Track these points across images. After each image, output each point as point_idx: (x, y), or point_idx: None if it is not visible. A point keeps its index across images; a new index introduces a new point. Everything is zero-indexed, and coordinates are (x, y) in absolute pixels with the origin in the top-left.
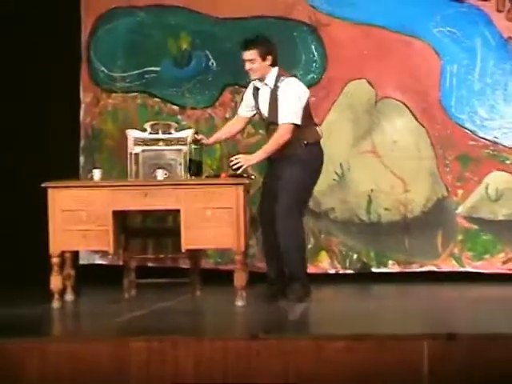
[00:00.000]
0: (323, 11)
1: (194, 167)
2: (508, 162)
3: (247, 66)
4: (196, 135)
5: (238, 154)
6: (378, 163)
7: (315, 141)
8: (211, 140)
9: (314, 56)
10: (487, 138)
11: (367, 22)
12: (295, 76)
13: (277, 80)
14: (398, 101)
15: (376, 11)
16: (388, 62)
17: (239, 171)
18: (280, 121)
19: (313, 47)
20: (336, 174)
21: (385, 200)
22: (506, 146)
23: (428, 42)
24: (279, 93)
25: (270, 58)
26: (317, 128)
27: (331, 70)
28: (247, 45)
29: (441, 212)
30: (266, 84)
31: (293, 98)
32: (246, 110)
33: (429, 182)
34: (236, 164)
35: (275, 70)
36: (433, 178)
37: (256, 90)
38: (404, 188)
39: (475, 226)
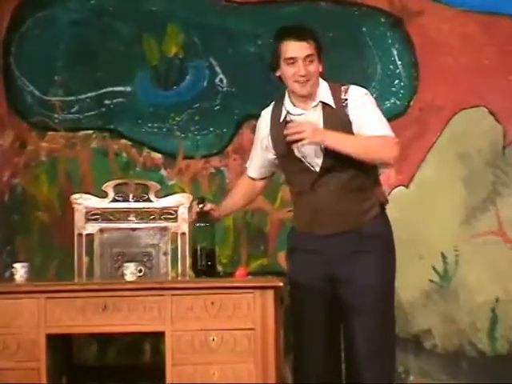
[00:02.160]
0: None
1: (203, 259)
2: None
3: (303, 68)
4: (201, 204)
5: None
6: (507, 252)
7: (384, 203)
8: (223, 210)
9: (396, 67)
10: None
11: (488, 10)
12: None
13: (336, 92)
14: None
15: None
16: None
17: (296, 145)
18: (375, 132)
19: (395, 52)
20: (435, 271)
21: None
22: None
23: None
24: (351, 107)
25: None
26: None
27: (426, 90)
28: (301, 32)
29: None
30: (325, 103)
31: (375, 108)
32: (260, 168)
33: None
34: (295, 133)
35: (324, 82)
36: None
37: (286, 124)
38: None
39: None
